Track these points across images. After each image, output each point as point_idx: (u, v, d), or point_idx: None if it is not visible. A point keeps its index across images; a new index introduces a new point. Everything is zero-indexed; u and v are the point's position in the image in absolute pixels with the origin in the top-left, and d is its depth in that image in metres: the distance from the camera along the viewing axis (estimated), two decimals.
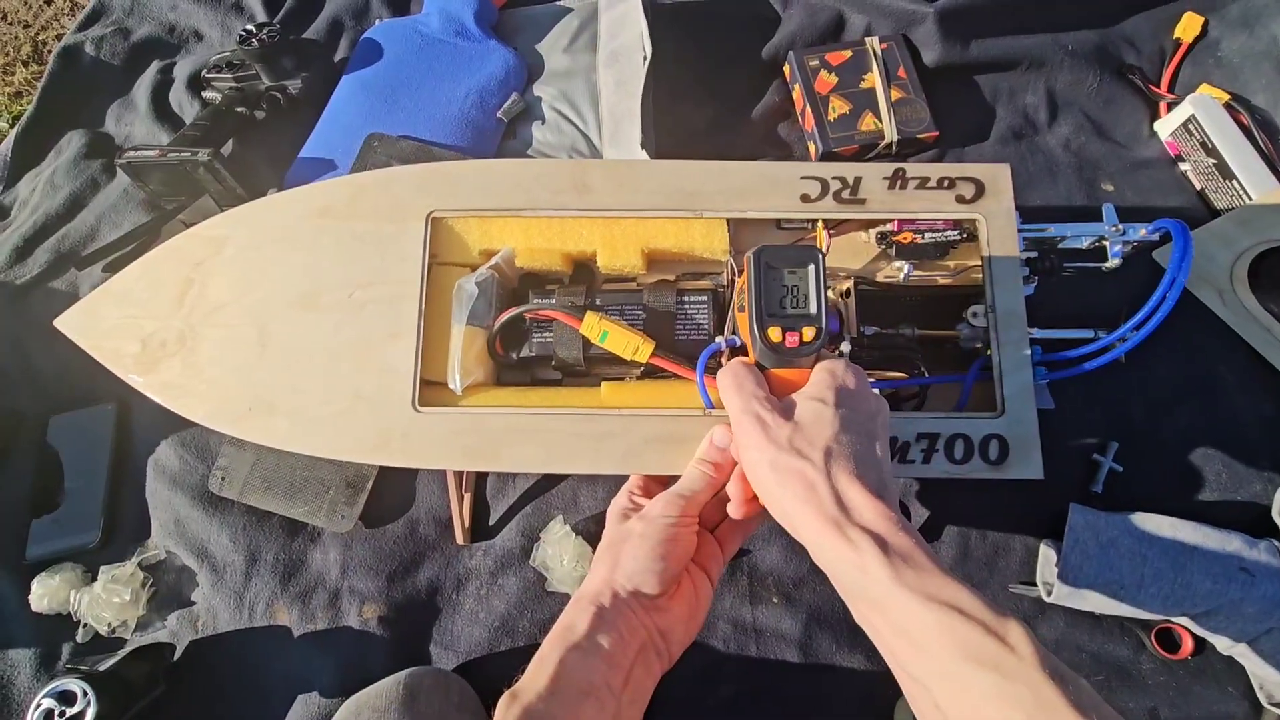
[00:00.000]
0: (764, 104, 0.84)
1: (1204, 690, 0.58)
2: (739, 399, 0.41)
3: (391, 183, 0.57)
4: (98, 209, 0.82)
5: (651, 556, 0.42)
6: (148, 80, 0.90)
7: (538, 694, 0.39)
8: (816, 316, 0.41)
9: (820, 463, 0.37)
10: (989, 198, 0.52)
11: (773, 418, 0.39)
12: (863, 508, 0.36)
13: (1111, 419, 0.66)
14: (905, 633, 0.34)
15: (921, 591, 0.33)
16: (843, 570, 0.36)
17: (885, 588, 0.34)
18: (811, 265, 0.42)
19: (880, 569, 0.34)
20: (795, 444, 0.38)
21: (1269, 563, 0.55)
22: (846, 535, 0.35)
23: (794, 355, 0.41)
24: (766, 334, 0.41)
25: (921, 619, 0.33)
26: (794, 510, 0.37)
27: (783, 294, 0.42)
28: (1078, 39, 0.83)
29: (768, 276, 0.42)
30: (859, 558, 0.34)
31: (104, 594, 0.62)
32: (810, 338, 0.41)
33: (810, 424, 0.38)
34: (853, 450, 0.38)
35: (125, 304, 0.56)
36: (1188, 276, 0.49)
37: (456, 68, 0.84)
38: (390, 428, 0.50)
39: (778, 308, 0.42)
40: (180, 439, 0.70)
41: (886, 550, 0.34)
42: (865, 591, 0.35)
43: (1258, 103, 0.81)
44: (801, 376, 0.42)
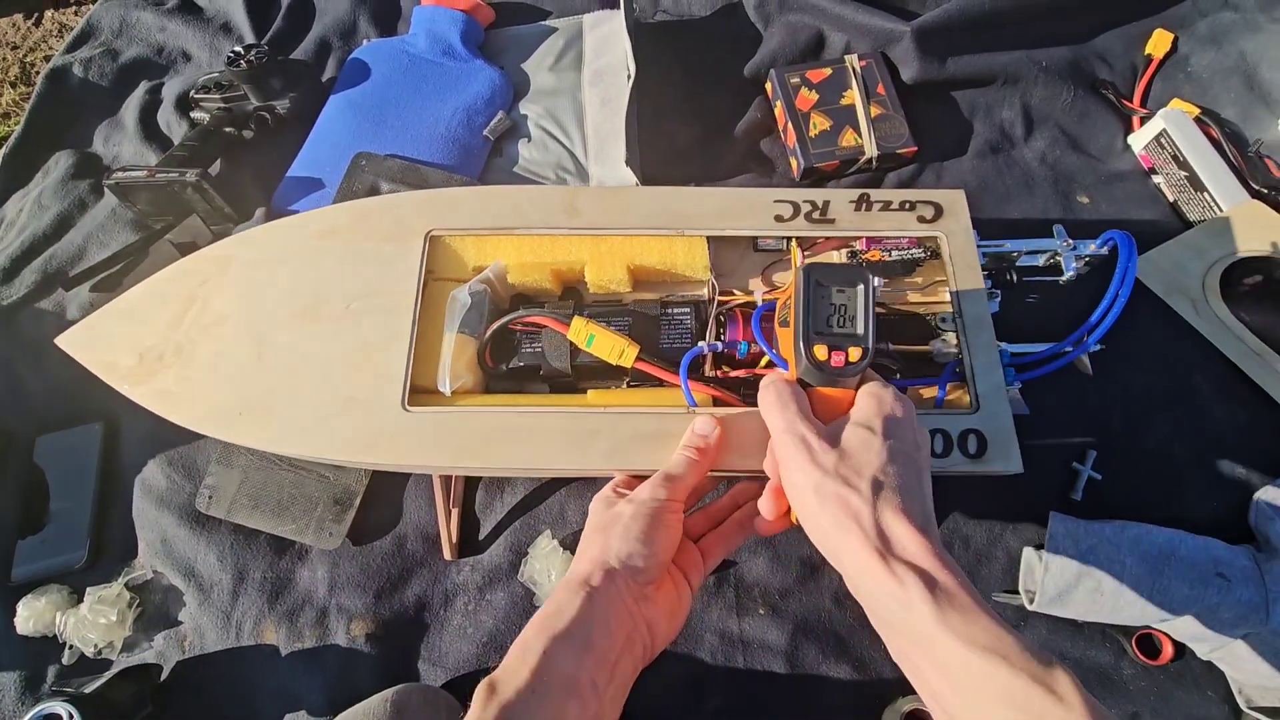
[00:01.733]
0: (747, 121, 0.86)
1: (1184, 695, 0.58)
2: (782, 418, 0.40)
3: (395, 206, 0.59)
4: (85, 229, 0.82)
5: (641, 536, 0.42)
6: (136, 101, 0.91)
7: (517, 689, 0.37)
8: (864, 337, 0.41)
9: (867, 493, 0.36)
10: (948, 218, 0.55)
11: (819, 442, 0.39)
12: (908, 542, 0.35)
13: (1090, 428, 0.67)
14: (947, 674, 0.33)
15: (967, 635, 0.33)
16: (883, 604, 0.35)
17: (930, 627, 0.33)
18: (861, 285, 0.42)
19: (925, 606, 0.33)
20: (841, 471, 0.37)
21: (1245, 568, 0.56)
22: (891, 569, 0.34)
23: (839, 375, 0.41)
24: (812, 351, 0.40)
25: (966, 663, 0.32)
26: (836, 538, 0.37)
27: (830, 312, 0.41)
28: (1051, 55, 0.85)
29: (816, 294, 0.42)
30: (903, 593, 0.34)
31: (90, 615, 0.62)
32: (856, 358, 0.40)
33: (857, 452, 0.38)
34: (900, 483, 0.37)
35: (128, 321, 0.57)
36: (1134, 280, 0.51)
37: (443, 87, 0.86)
38: (379, 428, 0.50)
39: (824, 326, 0.41)
40: (168, 458, 0.70)
41: (932, 588, 0.34)
42: (907, 628, 0.34)
43: (1227, 116, 0.83)
44: (845, 396, 0.42)
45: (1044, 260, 0.58)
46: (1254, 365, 0.67)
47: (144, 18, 0.96)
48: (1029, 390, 0.59)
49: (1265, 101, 0.83)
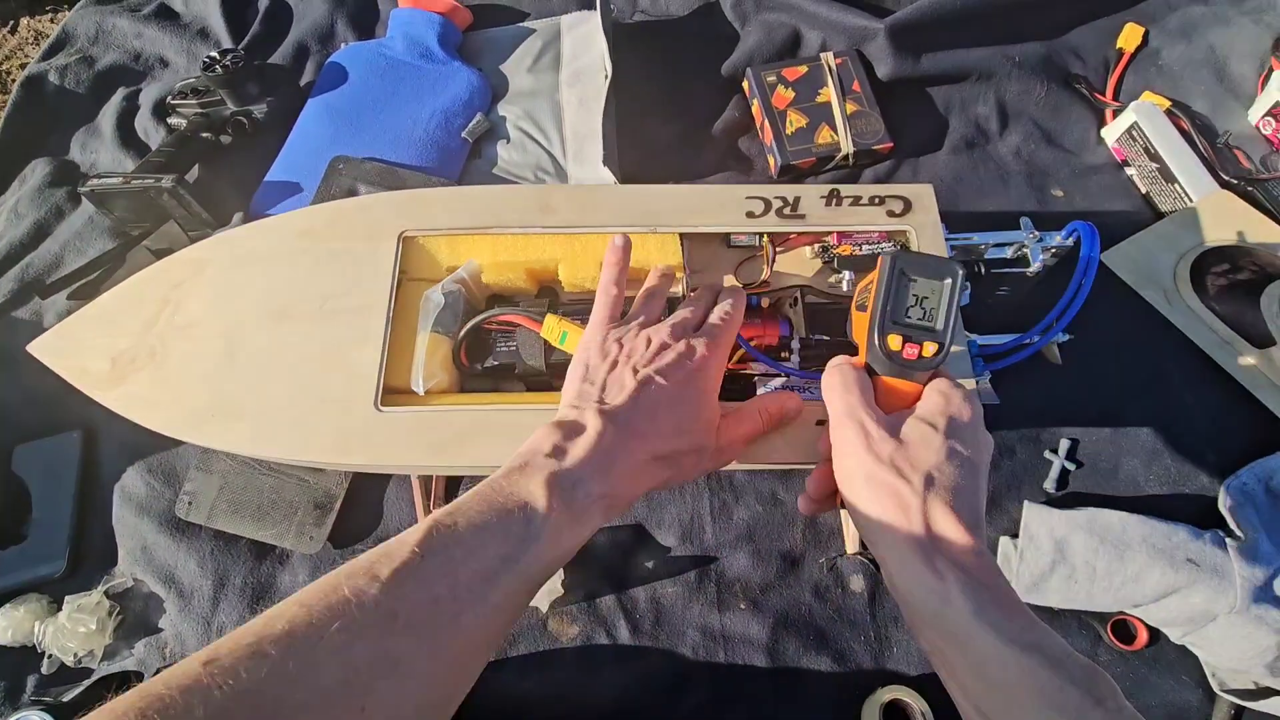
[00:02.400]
0: (724, 119, 0.86)
1: (1160, 680, 0.59)
2: (844, 400, 0.40)
3: (369, 207, 0.59)
4: (62, 237, 0.82)
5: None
6: (113, 108, 0.91)
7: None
8: (942, 333, 0.40)
9: (919, 487, 0.36)
10: (917, 212, 0.55)
11: (878, 430, 0.38)
12: (953, 539, 0.35)
13: (1065, 418, 0.68)
14: (983, 671, 0.33)
15: (1006, 631, 0.32)
16: (921, 597, 0.35)
17: (967, 622, 0.33)
18: (949, 279, 0.40)
19: (964, 602, 0.33)
20: (896, 462, 0.37)
21: (1214, 552, 0.57)
22: (933, 563, 0.35)
23: (910, 368, 0.40)
24: (886, 340, 0.40)
25: (1002, 659, 0.32)
26: (881, 528, 0.37)
27: (911, 303, 0.40)
28: (1025, 51, 0.86)
29: (899, 282, 0.41)
30: (943, 587, 0.34)
31: (69, 624, 0.62)
32: (931, 353, 0.40)
33: (915, 446, 0.38)
34: (953, 482, 0.37)
35: (101, 326, 0.57)
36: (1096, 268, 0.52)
37: (421, 90, 0.86)
38: (352, 428, 0.50)
39: (903, 316, 0.40)
40: (147, 465, 0.69)
41: (972, 584, 0.34)
42: (943, 622, 0.34)
43: (1197, 108, 0.85)
44: (912, 390, 0.41)
45: (1012, 252, 0.58)
46: (1223, 354, 0.67)
47: (120, 24, 0.96)
48: (1001, 382, 0.60)
49: (1234, 93, 0.85)
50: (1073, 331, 0.59)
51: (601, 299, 0.48)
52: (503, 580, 0.34)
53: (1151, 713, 0.58)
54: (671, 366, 0.43)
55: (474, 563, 0.34)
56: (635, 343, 0.45)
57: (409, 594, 0.32)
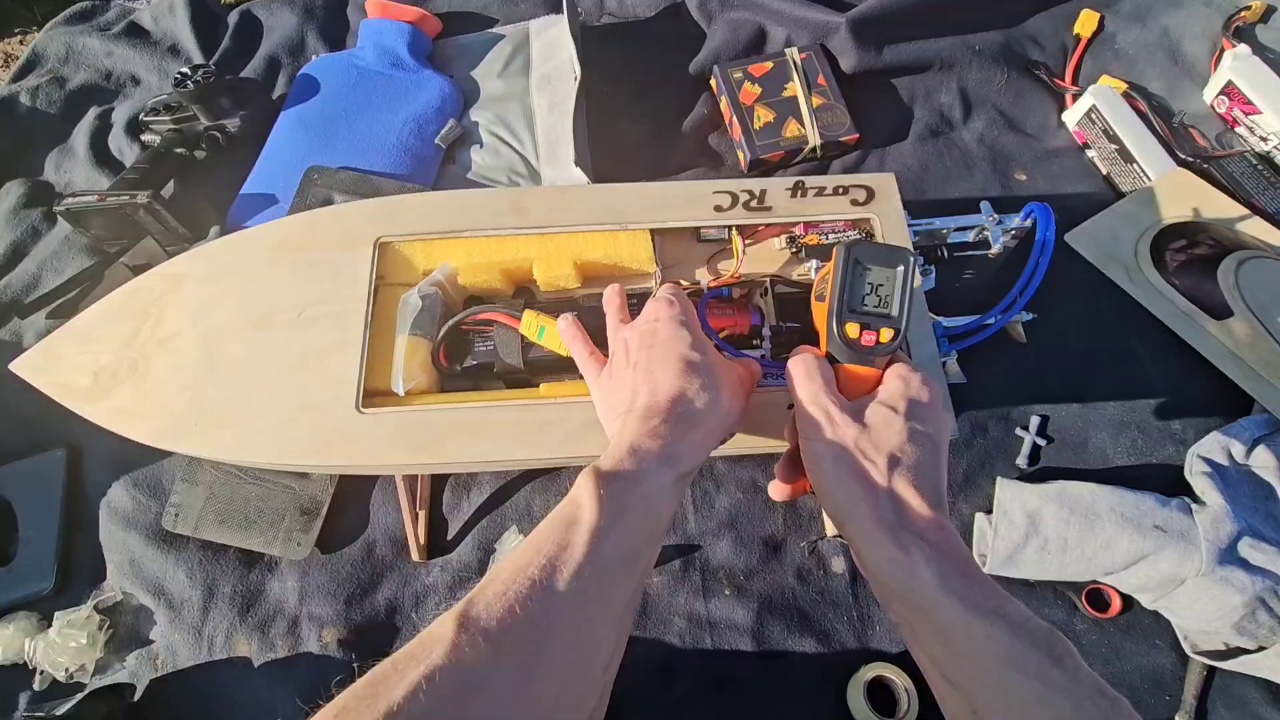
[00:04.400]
0: (694, 117, 0.87)
1: (1134, 645, 0.61)
2: (808, 388, 0.41)
3: (344, 215, 0.60)
4: (39, 257, 0.82)
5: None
6: (86, 127, 0.91)
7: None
8: (898, 319, 0.41)
9: (883, 467, 0.38)
10: (879, 200, 0.57)
11: (841, 415, 0.39)
12: (917, 516, 0.37)
13: (1034, 395, 0.69)
14: (948, 639, 0.34)
15: (969, 599, 0.34)
16: (889, 571, 0.36)
17: (932, 592, 0.34)
18: (901, 267, 0.42)
19: (928, 574, 0.34)
20: (860, 445, 0.38)
21: (1181, 518, 0.58)
22: (899, 539, 0.36)
23: (869, 354, 0.41)
24: (844, 328, 0.41)
25: (967, 626, 0.33)
26: (848, 508, 0.38)
27: (866, 291, 0.42)
28: (984, 40, 0.88)
29: (854, 272, 0.42)
30: (908, 561, 0.35)
31: (59, 640, 0.62)
32: (887, 339, 0.41)
33: (878, 429, 0.39)
34: (915, 460, 0.38)
35: (83, 342, 0.57)
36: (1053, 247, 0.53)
37: (393, 98, 0.87)
38: (333, 430, 0.51)
39: (859, 304, 0.41)
40: (132, 479, 0.70)
41: (937, 556, 0.35)
42: (910, 595, 0.35)
43: (1153, 90, 0.87)
44: (871, 375, 0.42)
45: (974, 235, 0.60)
46: (1185, 326, 0.69)
47: (90, 43, 0.96)
48: (970, 362, 0.62)
49: (1189, 74, 0.87)
50: (1036, 310, 0.60)
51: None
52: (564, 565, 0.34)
53: (1128, 677, 0.60)
54: (647, 337, 0.45)
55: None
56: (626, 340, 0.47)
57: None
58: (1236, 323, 0.67)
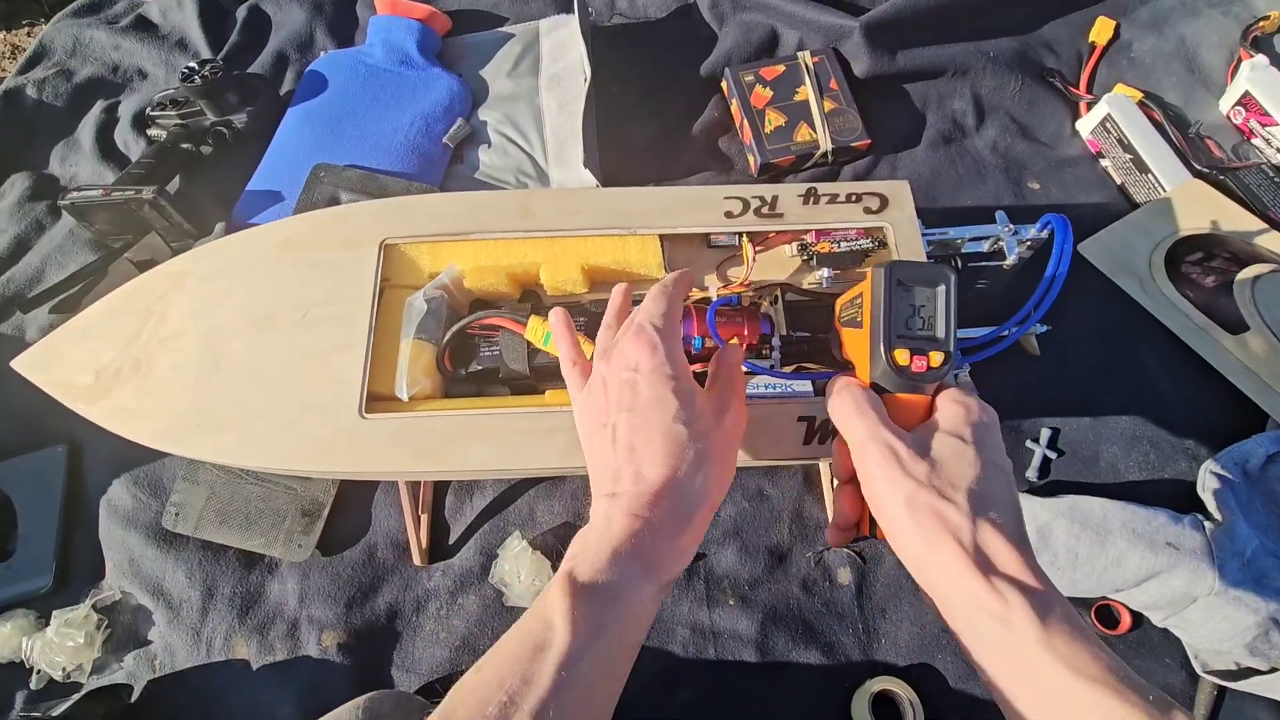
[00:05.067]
0: (704, 120, 0.87)
1: (1143, 663, 0.60)
2: (863, 424, 0.37)
3: (350, 216, 0.59)
4: (43, 251, 0.82)
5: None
6: (92, 120, 0.90)
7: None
8: (945, 340, 0.38)
9: (964, 506, 0.34)
10: (893, 208, 0.56)
11: (908, 451, 0.36)
12: (1007, 559, 0.33)
13: (1045, 407, 0.68)
14: (1050, 704, 0.31)
15: (1074, 661, 0.30)
16: (981, 621, 0.33)
17: (1034, 650, 0.31)
18: (943, 285, 0.39)
19: (1029, 628, 0.31)
20: (935, 483, 0.35)
21: (1193, 536, 0.57)
22: (993, 585, 0.32)
23: (920, 380, 0.38)
24: (893, 355, 0.38)
25: (1072, 693, 0.30)
26: (928, 553, 0.35)
27: (909, 314, 0.39)
28: (999, 46, 0.87)
29: (898, 294, 0.39)
30: (1005, 610, 0.32)
31: (57, 639, 0.62)
32: (938, 363, 0.38)
33: (950, 462, 0.35)
34: (995, 495, 0.35)
35: (85, 340, 0.57)
36: (1070, 259, 0.52)
37: (401, 96, 0.86)
38: (336, 435, 0.50)
39: (905, 329, 0.39)
40: (133, 477, 0.69)
41: (1036, 606, 0.32)
42: (1007, 648, 0.32)
43: (1169, 99, 0.86)
44: (924, 403, 0.39)
45: (988, 246, 0.59)
46: (1198, 340, 0.68)
47: (97, 36, 0.96)
48: (979, 374, 0.61)
49: (1205, 84, 0.86)
50: (1050, 322, 0.59)
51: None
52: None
53: None
54: (626, 394, 0.40)
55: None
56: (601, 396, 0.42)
57: None
58: (1252, 337, 0.66)
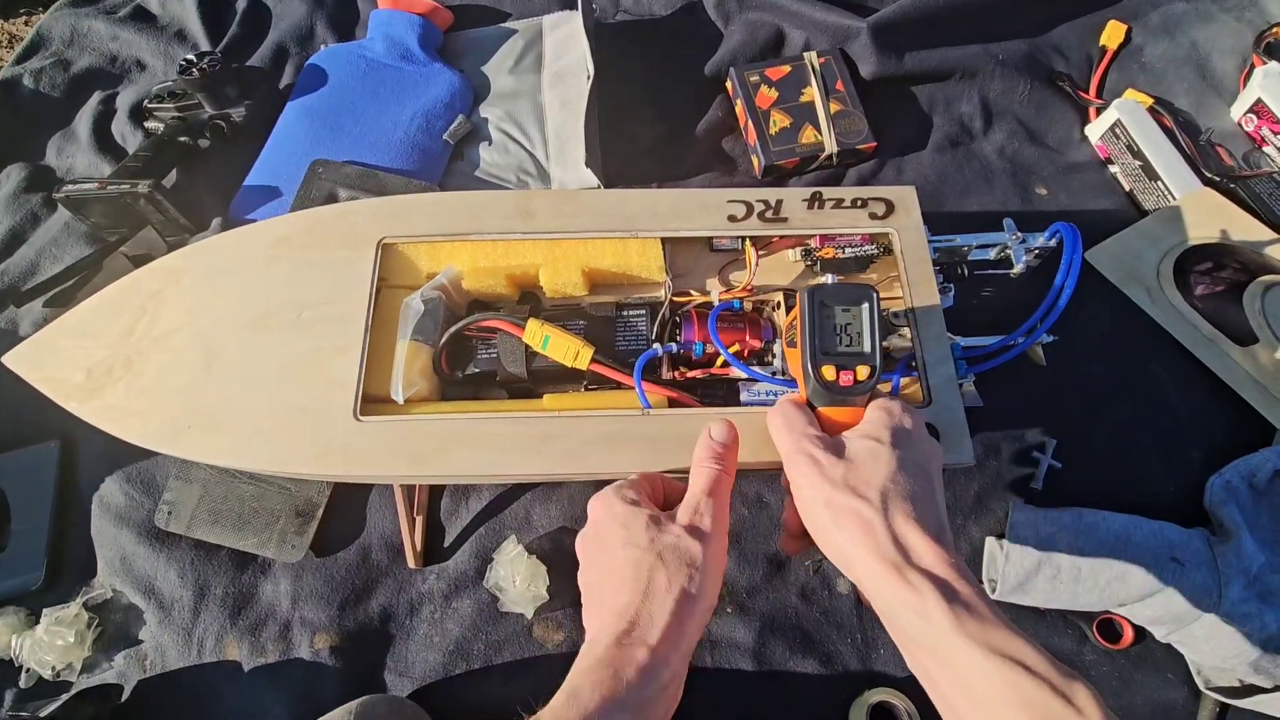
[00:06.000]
0: (708, 120, 0.86)
1: (1145, 678, 0.59)
2: (790, 438, 0.40)
3: (348, 214, 0.59)
4: (38, 244, 0.81)
5: (703, 586, 0.38)
6: (89, 112, 0.89)
7: None
8: (870, 355, 0.41)
9: (877, 502, 0.36)
10: (899, 214, 0.55)
11: (826, 456, 0.38)
12: (922, 551, 0.35)
13: (1050, 417, 0.67)
14: (965, 684, 0.33)
15: (985, 643, 0.32)
16: (900, 614, 0.35)
17: (947, 636, 0.33)
18: (866, 304, 0.42)
19: (942, 616, 0.33)
20: (850, 482, 0.37)
21: (1199, 551, 0.57)
22: (906, 578, 0.34)
23: (848, 394, 0.41)
24: (820, 372, 0.40)
25: (984, 671, 0.32)
26: (850, 550, 0.36)
27: (836, 331, 0.41)
28: (1008, 49, 0.86)
29: (821, 314, 0.42)
30: (920, 602, 0.34)
31: (46, 637, 0.61)
32: (864, 376, 0.40)
33: (865, 462, 0.38)
34: (910, 491, 0.37)
35: (77, 336, 0.56)
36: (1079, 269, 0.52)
37: (402, 91, 0.85)
38: (331, 438, 0.50)
39: (831, 346, 0.41)
40: (126, 474, 0.68)
41: (949, 597, 0.33)
42: (924, 638, 0.34)
43: (1180, 105, 0.85)
44: (854, 416, 0.42)
45: (995, 253, 0.58)
46: (1207, 351, 0.68)
47: (95, 26, 0.95)
48: (985, 382, 0.60)
49: (1217, 90, 0.85)
50: (1055, 331, 0.59)
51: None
52: None
53: (1138, 711, 0.59)
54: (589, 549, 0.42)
55: None
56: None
57: None
58: (1261, 349, 0.65)
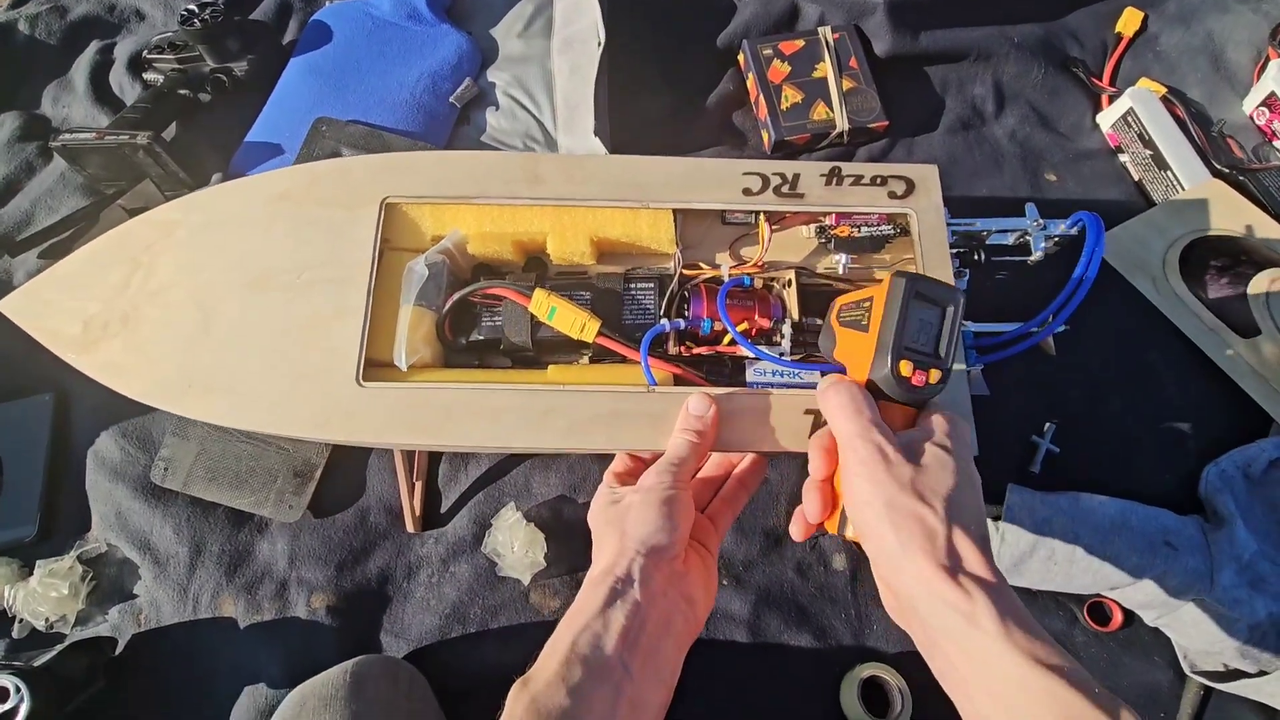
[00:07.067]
0: (719, 92, 0.85)
1: (1133, 661, 0.60)
2: (857, 422, 0.39)
3: (349, 170, 0.57)
4: (33, 193, 0.79)
5: (659, 515, 0.42)
6: (86, 61, 0.87)
7: (547, 681, 0.37)
8: (944, 359, 0.40)
9: (942, 512, 0.36)
10: (919, 194, 0.54)
11: (896, 454, 0.38)
12: (975, 563, 0.36)
13: (1049, 402, 0.68)
14: (1002, 691, 0.33)
15: (1030, 652, 0.33)
16: (945, 615, 0.35)
17: (992, 641, 0.33)
18: (952, 306, 0.41)
19: (990, 621, 0.33)
20: (917, 487, 0.37)
21: (1192, 537, 0.57)
22: (959, 582, 0.35)
23: (916, 394, 0.40)
24: (898, 367, 0.39)
25: (1024, 679, 0.32)
26: (902, 552, 0.36)
27: (919, 329, 0.40)
28: (1024, 32, 0.85)
29: (914, 308, 0.40)
30: (970, 605, 0.34)
31: (40, 588, 0.61)
32: (935, 380, 0.40)
33: (935, 470, 0.38)
34: (970, 506, 0.38)
35: (71, 287, 0.55)
36: (1101, 261, 0.51)
37: (408, 51, 0.83)
38: (333, 403, 0.49)
39: (914, 342, 0.40)
40: (121, 429, 0.68)
41: (999, 605, 0.34)
42: (967, 640, 0.34)
43: (1193, 96, 0.84)
44: (907, 419, 0.41)
45: (1013, 239, 0.58)
46: (1209, 342, 0.68)
47: None
48: (989, 368, 0.60)
49: (1230, 82, 0.85)
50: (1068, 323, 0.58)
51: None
52: None
53: (1124, 692, 0.59)
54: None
55: None
56: None
57: None
58: (1264, 342, 0.65)
